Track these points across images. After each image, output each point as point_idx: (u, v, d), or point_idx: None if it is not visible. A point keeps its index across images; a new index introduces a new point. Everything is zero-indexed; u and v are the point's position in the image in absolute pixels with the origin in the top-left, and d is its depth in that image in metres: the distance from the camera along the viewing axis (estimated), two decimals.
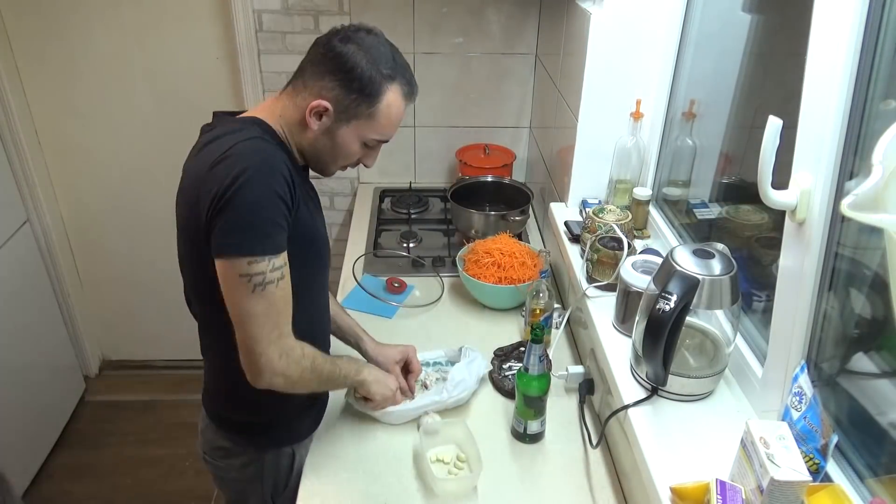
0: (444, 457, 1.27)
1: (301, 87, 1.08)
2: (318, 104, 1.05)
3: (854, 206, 0.67)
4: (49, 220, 2.45)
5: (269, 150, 1.01)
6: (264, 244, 0.97)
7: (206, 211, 0.97)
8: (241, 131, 1.03)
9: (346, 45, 1.05)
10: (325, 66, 1.05)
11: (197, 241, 1.00)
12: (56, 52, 2.25)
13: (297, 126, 1.09)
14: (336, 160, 1.14)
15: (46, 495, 2.29)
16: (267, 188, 0.96)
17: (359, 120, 1.08)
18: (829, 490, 0.83)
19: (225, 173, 0.95)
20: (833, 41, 0.85)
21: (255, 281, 0.96)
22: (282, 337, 1.03)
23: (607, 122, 1.60)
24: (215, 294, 1.01)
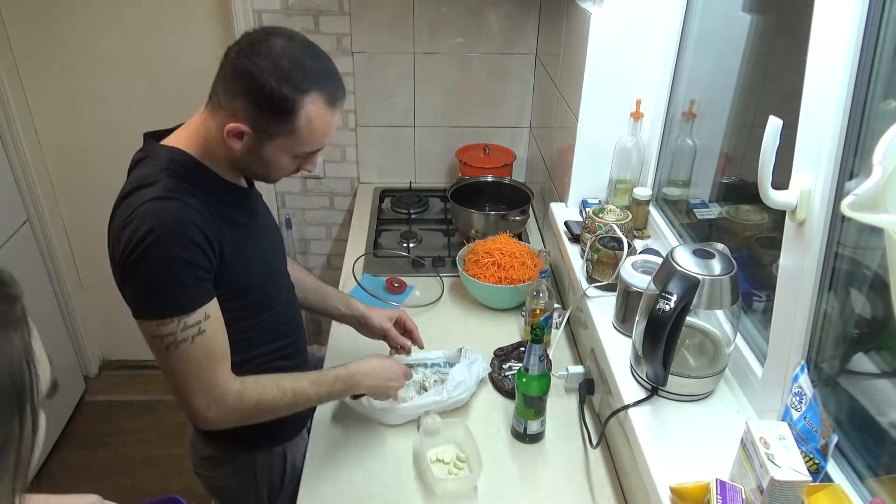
0: (445, 457, 1.27)
1: (217, 106, 1.01)
2: (235, 127, 0.98)
3: (854, 206, 0.67)
4: (49, 220, 2.45)
5: (172, 211, 0.96)
6: (170, 306, 0.97)
7: (118, 272, 0.99)
8: (152, 185, 0.98)
9: (254, 61, 0.95)
10: (235, 86, 0.97)
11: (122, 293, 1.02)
12: (56, 52, 2.25)
13: (222, 145, 1.02)
14: (270, 174, 1.09)
15: None
16: (169, 252, 0.95)
17: (281, 137, 1.01)
18: (829, 490, 0.83)
19: (129, 238, 0.95)
20: (833, 41, 0.85)
21: (167, 342, 0.97)
22: (207, 388, 1.02)
23: (607, 122, 1.60)
24: None
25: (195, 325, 0.98)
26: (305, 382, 1.14)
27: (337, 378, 1.19)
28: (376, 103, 2.36)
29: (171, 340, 0.97)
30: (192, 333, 0.98)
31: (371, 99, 2.35)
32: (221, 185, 1.07)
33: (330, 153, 2.42)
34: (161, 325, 0.96)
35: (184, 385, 1.01)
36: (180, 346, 0.98)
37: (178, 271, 0.96)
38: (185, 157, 1.03)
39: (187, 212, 0.97)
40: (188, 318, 0.97)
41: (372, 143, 2.43)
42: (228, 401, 1.04)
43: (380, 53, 2.26)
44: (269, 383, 1.10)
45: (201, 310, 0.99)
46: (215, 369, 1.02)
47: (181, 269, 0.96)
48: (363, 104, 2.35)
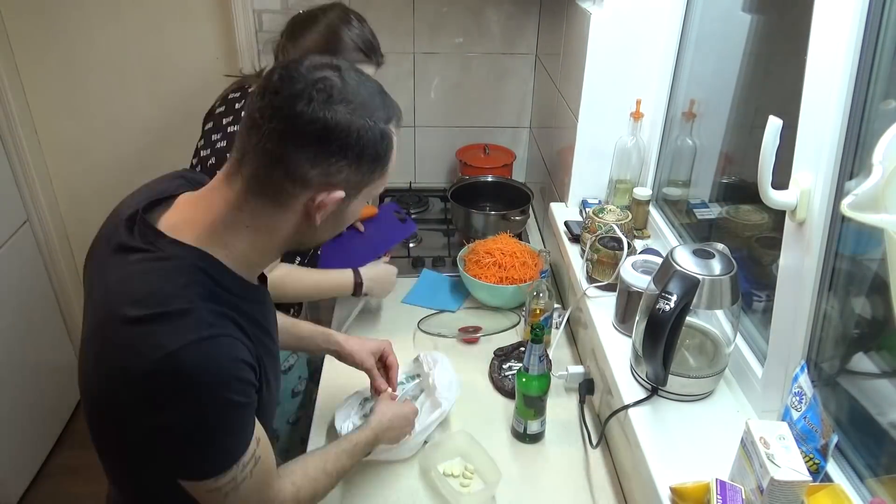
0: (454, 470, 1.25)
1: (280, 180, 0.77)
2: (332, 199, 0.79)
3: (854, 206, 0.67)
4: (49, 220, 2.45)
5: (223, 354, 0.76)
6: (229, 456, 0.80)
7: (140, 430, 0.76)
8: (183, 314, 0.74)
9: (332, 107, 0.75)
10: (316, 148, 0.76)
11: (118, 429, 0.80)
12: (56, 52, 2.25)
13: (284, 229, 0.82)
14: (333, 235, 0.91)
15: (46, 495, 2.29)
16: (224, 402, 0.76)
17: (371, 185, 0.84)
18: (829, 490, 0.83)
19: (167, 392, 0.73)
20: (833, 41, 0.85)
21: (227, 489, 0.81)
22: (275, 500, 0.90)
23: (607, 122, 1.60)
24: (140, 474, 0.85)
25: (251, 458, 0.83)
26: (345, 458, 1.07)
27: (367, 444, 1.13)
28: None
29: (231, 487, 0.81)
30: (250, 468, 0.83)
31: None
32: (246, 288, 0.85)
33: None
34: (219, 479, 0.80)
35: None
36: (241, 487, 0.82)
37: (235, 419, 0.79)
38: (211, 264, 0.80)
39: (236, 348, 0.78)
40: (245, 456, 0.82)
41: None
42: (301, 494, 0.95)
43: None
44: (316, 473, 1.00)
45: (254, 439, 0.83)
46: (273, 488, 0.90)
47: (238, 415, 0.80)
48: None
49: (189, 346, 0.73)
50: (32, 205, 2.37)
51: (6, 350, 2.19)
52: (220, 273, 0.80)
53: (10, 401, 2.20)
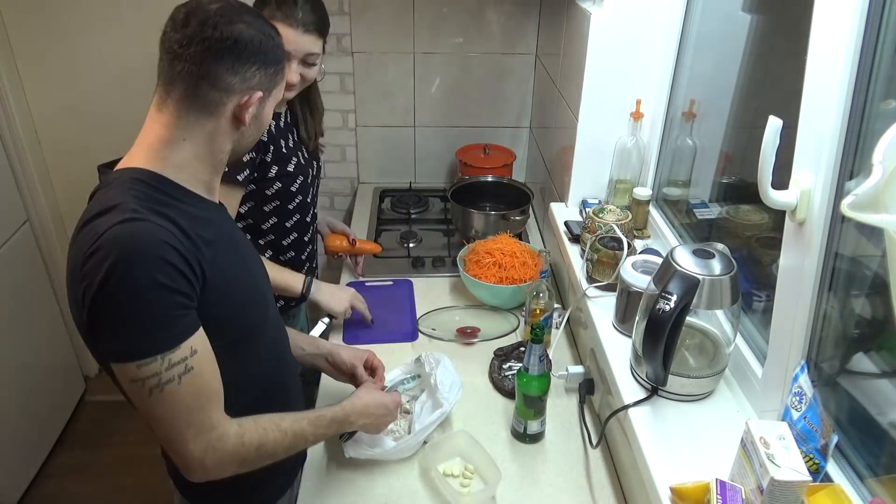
0: (453, 470, 1.25)
1: (206, 92, 0.91)
2: (254, 98, 0.93)
3: (854, 206, 0.67)
4: (49, 220, 2.45)
5: (144, 232, 0.83)
6: (152, 342, 0.83)
7: (84, 314, 0.84)
8: (114, 208, 0.85)
9: (236, 27, 0.91)
10: (233, 58, 0.90)
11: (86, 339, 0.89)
12: (56, 52, 2.25)
13: (220, 136, 0.94)
14: (260, 134, 1.02)
15: (46, 495, 2.29)
16: (145, 279, 0.82)
17: (277, 87, 0.98)
18: (829, 490, 0.83)
19: (96, 269, 0.81)
20: (833, 41, 0.85)
21: (150, 384, 0.84)
22: (202, 432, 0.89)
23: (607, 122, 1.60)
24: None
25: (181, 361, 0.85)
26: (304, 423, 1.04)
27: (333, 420, 1.10)
28: (376, 103, 2.36)
29: (154, 383, 0.83)
30: (179, 372, 0.85)
31: (371, 99, 2.35)
32: (192, 198, 0.94)
33: (330, 153, 2.42)
34: (142, 367, 0.83)
35: (173, 433, 0.88)
36: (165, 389, 0.84)
37: (157, 300, 0.83)
38: (147, 175, 0.90)
39: (160, 231, 0.84)
40: (172, 354, 0.84)
41: (372, 143, 2.43)
42: (227, 445, 0.92)
43: (380, 53, 2.26)
44: (268, 424, 0.98)
45: (187, 343, 0.85)
46: (208, 410, 0.90)
47: (161, 298, 0.83)
48: (363, 104, 2.35)
49: (116, 226, 0.83)
50: (32, 205, 2.37)
51: (6, 350, 2.19)
52: (158, 181, 0.91)
53: (10, 401, 2.20)
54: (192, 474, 0.92)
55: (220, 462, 0.92)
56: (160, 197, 0.90)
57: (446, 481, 1.20)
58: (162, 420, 0.88)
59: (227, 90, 0.92)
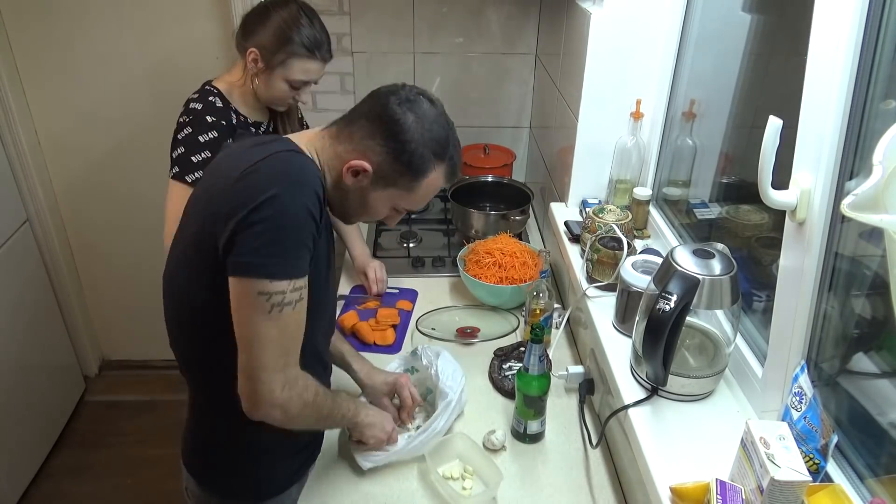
0: (452, 473, 1.24)
1: (346, 136, 1.02)
2: (359, 164, 1.00)
3: (854, 206, 0.67)
4: (49, 220, 2.45)
5: (304, 164, 0.95)
6: (289, 266, 0.90)
7: (229, 225, 0.89)
8: (274, 142, 0.97)
9: (406, 113, 1.00)
10: (378, 127, 1.00)
11: (207, 256, 0.93)
12: (56, 52, 2.25)
13: (332, 172, 1.03)
14: (360, 216, 1.11)
15: (46, 495, 2.29)
16: (300, 206, 0.90)
17: (397, 189, 1.04)
18: (829, 490, 0.83)
19: (255, 188, 0.89)
20: (833, 41, 0.85)
21: (274, 301, 0.90)
22: (288, 365, 0.96)
23: (607, 122, 1.60)
24: (217, 320, 0.94)
25: (300, 289, 0.92)
26: (336, 394, 1.11)
27: (349, 398, 1.18)
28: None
29: (278, 300, 0.89)
30: (296, 298, 0.92)
31: None
32: None
33: None
34: (274, 283, 0.89)
35: (268, 356, 0.92)
36: (284, 310, 0.91)
37: (304, 228, 0.90)
38: (300, 148, 1.01)
39: (316, 170, 0.95)
40: (298, 281, 0.91)
41: None
42: (299, 384, 0.98)
43: (380, 53, 2.26)
44: (318, 382, 1.04)
45: (305, 278, 0.93)
46: (298, 346, 0.97)
47: (307, 226, 0.91)
48: None
49: (280, 153, 0.93)
50: (32, 205, 2.37)
51: (6, 350, 2.19)
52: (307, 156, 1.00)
53: (10, 401, 2.20)
54: (261, 405, 0.95)
55: (289, 399, 0.96)
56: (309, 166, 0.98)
57: (446, 484, 1.19)
58: (267, 341, 0.92)
59: (352, 142, 1.02)
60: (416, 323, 1.69)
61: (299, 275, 0.92)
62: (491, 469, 1.19)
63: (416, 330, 1.67)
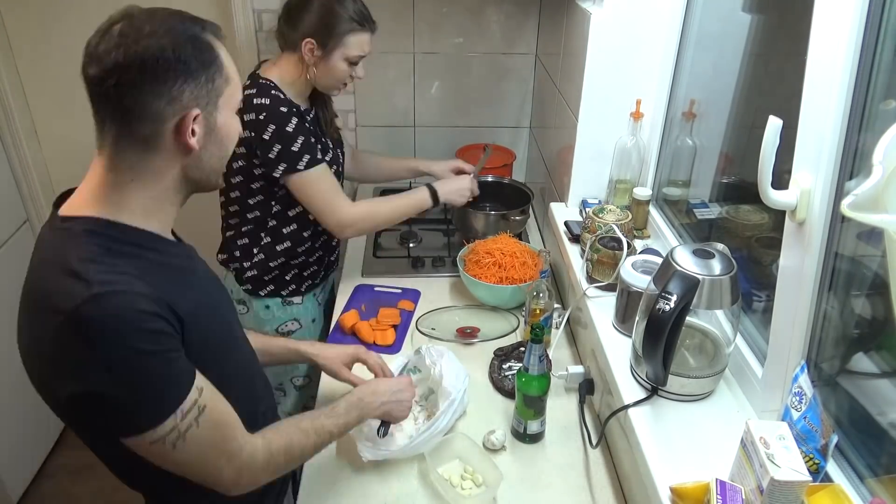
0: (452, 473, 1.24)
1: (138, 127, 0.83)
2: (190, 117, 0.85)
3: (854, 207, 0.67)
4: None
5: (113, 310, 0.78)
6: (160, 407, 0.81)
7: (65, 398, 0.81)
8: (76, 276, 0.79)
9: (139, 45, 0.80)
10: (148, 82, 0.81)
11: (60, 409, 0.87)
12: (56, 52, 2.25)
13: (168, 170, 0.88)
14: (225, 156, 0.95)
15: (46, 495, 2.29)
16: (132, 359, 0.78)
17: (223, 93, 0.93)
18: (829, 490, 0.83)
19: (75, 355, 0.78)
20: (833, 41, 0.85)
21: (171, 440, 0.82)
22: (232, 458, 0.90)
23: (607, 122, 1.60)
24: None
25: (192, 406, 0.83)
26: (322, 419, 1.06)
27: (349, 405, 1.12)
28: (376, 103, 2.36)
29: (175, 437, 0.82)
30: (194, 416, 0.84)
31: (371, 99, 2.35)
32: (154, 241, 0.89)
33: None
34: (157, 430, 0.81)
35: (207, 469, 0.89)
36: (188, 437, 0.83)
37: (152, 369, 0.80)
38: (102, 225, 0.85)
39: (133, 300, 0.79)
40: (183, 405, 0.82)
41: (372, 143, 2.43)
42: (258, 460, 0.93)
43: (380, 53, 2.26)
44: (289, 428, 1.00)
45: (192, 389, 0.84)
46: (233, 436, 0.91)
47: (154, 365, 0.80)
48: (363, 104, 2.35)
49: (85, 304, 0.76)
50: (32, 205, 2.37)
51: (6, 350, 2.18)
52: (114, 230, 0.85)
53: (11, 401, 2.20)
54: (231, 493, 0.93)
55: (254, 476, 0.94)
56: (119, 248, 0.84)
57: (446, 484, 1.19)
58: (193, 464, 0.88)
59: (156, 118, 0.82)
60: (416, 323, 1.69)
61: (178, 402, 0.82)
62: (491, 469, 1.19)
63: (416, 330, 1.67)
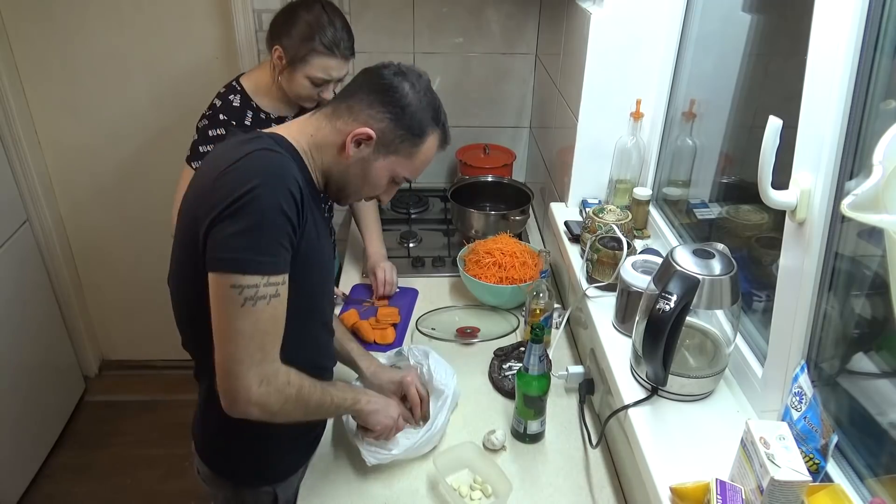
0: (461, 482, 1.22)
1: (345, 111, 1.05)
2: (364, 132, 1.03)
3: (854, 206, 0.67)
4: (49, 220, 2.45)
5: (280, 162, 0.96)
6: (261, 261, 0.91)
7: (206, 222, 0.92)
8: (253, 140, 0.99)
9: (402, 82, 1.05)
10: (378, 97, 1.04)
11: (194, 254, 0.95)
12: (56, 52, 2.25)
13: (331, 149, 1.06)
14: (361, 190, 1.12)
15: (46, 495, 2.29)
16: (273, 204, 0.91)
17: (398, 156, 1.08)
18: (829, 490, 0.83)
19: (231, 186, 0.91)
20: (833, 41, 0.85)
21: (247, 294, 0.91)
22: (265, 361, 0.95)
23: (607, 122, 1.60)
24: (209, 312, 0.95)
25: (275, 285, 0.93)
26: (327, 383, 1.11)
27: (346, 386, 1.19)
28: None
29: (250, 294, 0.90)
30: (271, 293, 0.92)
31: None
32: (309, 180, 1.06)
33: None
34: (246, 277, 0.90)
35: (242, 351, 0.93)
36: (257, 304, 0.91)
37: (278, 227, 0.92)
38: (285, 141, 1.03)
39: (293, 168, 0.97)
40: (272, 277, 0.93)
41: None
42: (279, 380, 0.97)
43: (380, 53, 2.26)
44: (303, 375, 1.04)
45: (283, 273, 0.95)
46: (275, 342, 0.97)
47: (281, 226, 0.92)
48: None
49: (256, 152, 0.95)
50: (32, 205, 2.37)
51: (6, 350, 2.19)
52: (291, 149, 1.03)
53: (11, 401, 2.20)
54: (238, 402, 0.96)
55: (266, 395, 0.96)
56: (292, 155, 1.02)
57: (455, 494, 1.18)
58: (239, 335, 0.92)
59: (354, 115, 1.06)
60: (416, 323, 1.69)
61: (274, 271, 0.93)
62: (500, 479, 1.18)
63: (416, 330, 1.67)
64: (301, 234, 0.97)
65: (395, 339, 1.63)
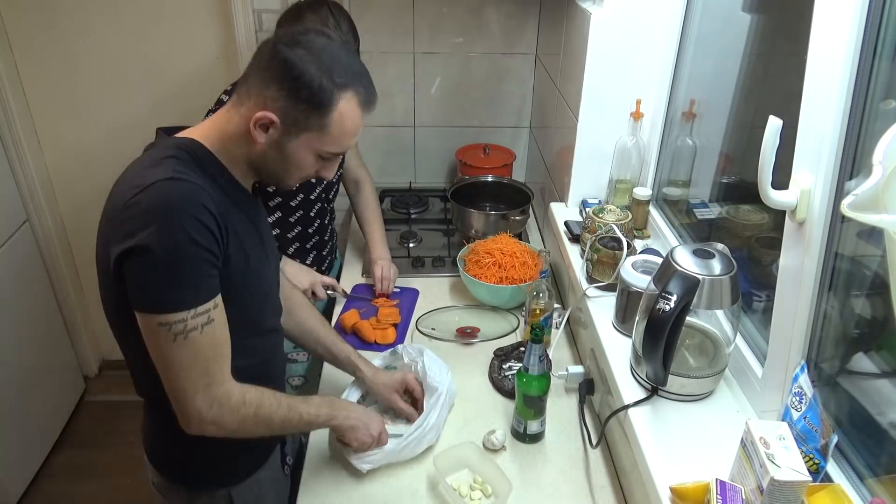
0: (461, 483, 1.22)
1: (245, 97, 0.96)
2: (263, 116, 0.93)
3: (854, 206, 0.67)
4: (49, 220, 2.45)
5: (182, 194, 0.89)
6: (184, 299, 0.89)
7: (117, 252, 0.88)
8: (159, 164, 0.92)
9: (294, 50, 0.93)
10: (271, 73, 0.93)
11: (106, 271, 0.92)
12: (56, 52, 2.24)
13: (243, 139, 0.97)
14: (289, 174, 1.03)
15: (46, 495, 2.29)
16: (180, 239, 0.87)
17: (310, 132, 0.97)
18: (829, 490, 0.83)
19: (133, 226, 0.87)
20: (833, 41, 0.85)
21: (175, 330, 0.89)
22: (213, 384, 0.94)
23: (607, 122, 1.60)
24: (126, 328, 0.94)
25: (205, 312, 0.91)
26: (295, 400, 1.09)
27: (322, 401, 1.16)
28: (376, 103, 2.35)
29: (179, 329, 0.89)
30: (202, 322, 0.90)
31: None
32: (231, 183, 1.00)
33: None
34: (171, 314, 0.88)
35: (186, 381, 0.92)
36: (189, 336, 0.89)
37: (191, 255, 0.88)
38: (195, 146, 0.97)
39: (198, 193, 0.90)
40: (202, 307, 0.90)
41: (372, 143, 2.43)
42: (231, 401, 0.96)
43: (380, 53, 2.26)
44: (264, 391, 1.03)
45: (211, 298, 0.92)
46: (221, 365, 0.95)
47: (194, 254, 0.88)
48: None
49: (158, 182, 0.89)
50: (32, 205, 2.37)
51: (6, 350, 2.19)
52: (203, 153, 0.98)
53: (11, 401, 2.20)
54: (192, 425, 0.96)
55: (220, 416, 0.96)
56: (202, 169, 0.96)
57: (455, 494, 1.18)
58: (180, 367, 0.92)
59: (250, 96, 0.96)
60: (416, 323, 1.69)
61: (198, 302, 0.90)
62: (500, 479, 1.18)
63: (416, 330, 1.67)
64: (225, 250, 0.93)
65: (395, 340, 1.63)
